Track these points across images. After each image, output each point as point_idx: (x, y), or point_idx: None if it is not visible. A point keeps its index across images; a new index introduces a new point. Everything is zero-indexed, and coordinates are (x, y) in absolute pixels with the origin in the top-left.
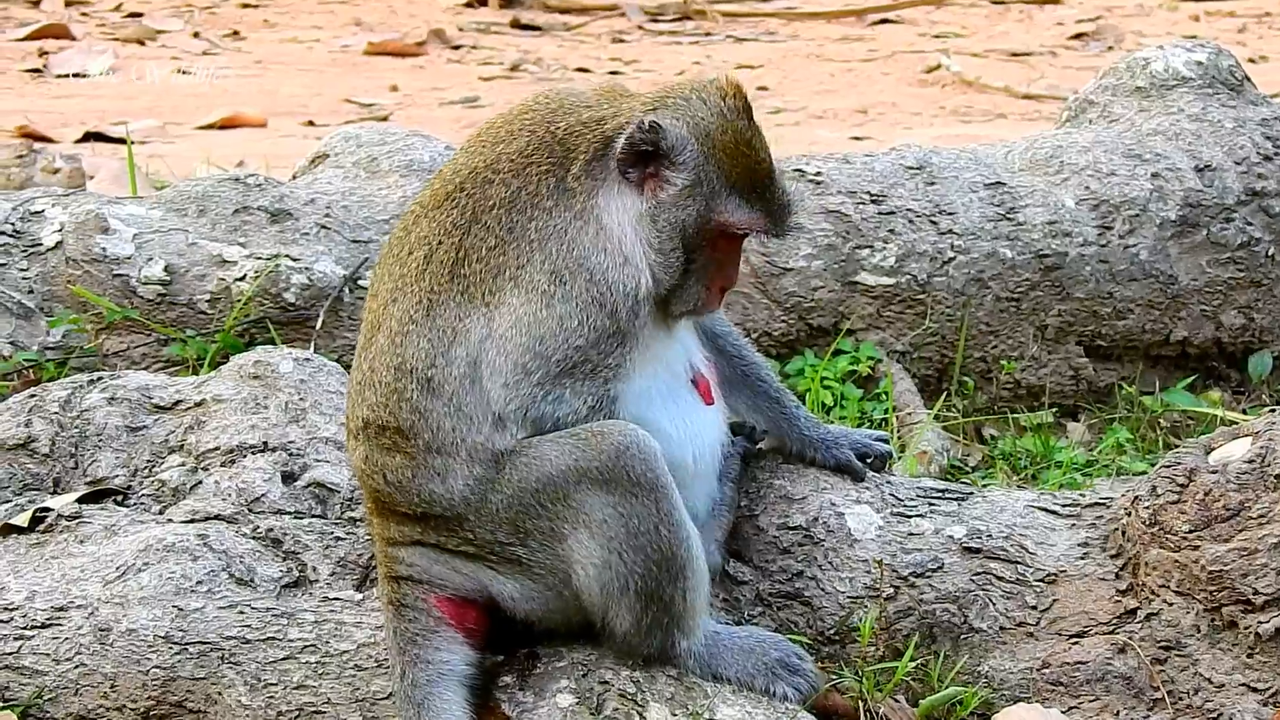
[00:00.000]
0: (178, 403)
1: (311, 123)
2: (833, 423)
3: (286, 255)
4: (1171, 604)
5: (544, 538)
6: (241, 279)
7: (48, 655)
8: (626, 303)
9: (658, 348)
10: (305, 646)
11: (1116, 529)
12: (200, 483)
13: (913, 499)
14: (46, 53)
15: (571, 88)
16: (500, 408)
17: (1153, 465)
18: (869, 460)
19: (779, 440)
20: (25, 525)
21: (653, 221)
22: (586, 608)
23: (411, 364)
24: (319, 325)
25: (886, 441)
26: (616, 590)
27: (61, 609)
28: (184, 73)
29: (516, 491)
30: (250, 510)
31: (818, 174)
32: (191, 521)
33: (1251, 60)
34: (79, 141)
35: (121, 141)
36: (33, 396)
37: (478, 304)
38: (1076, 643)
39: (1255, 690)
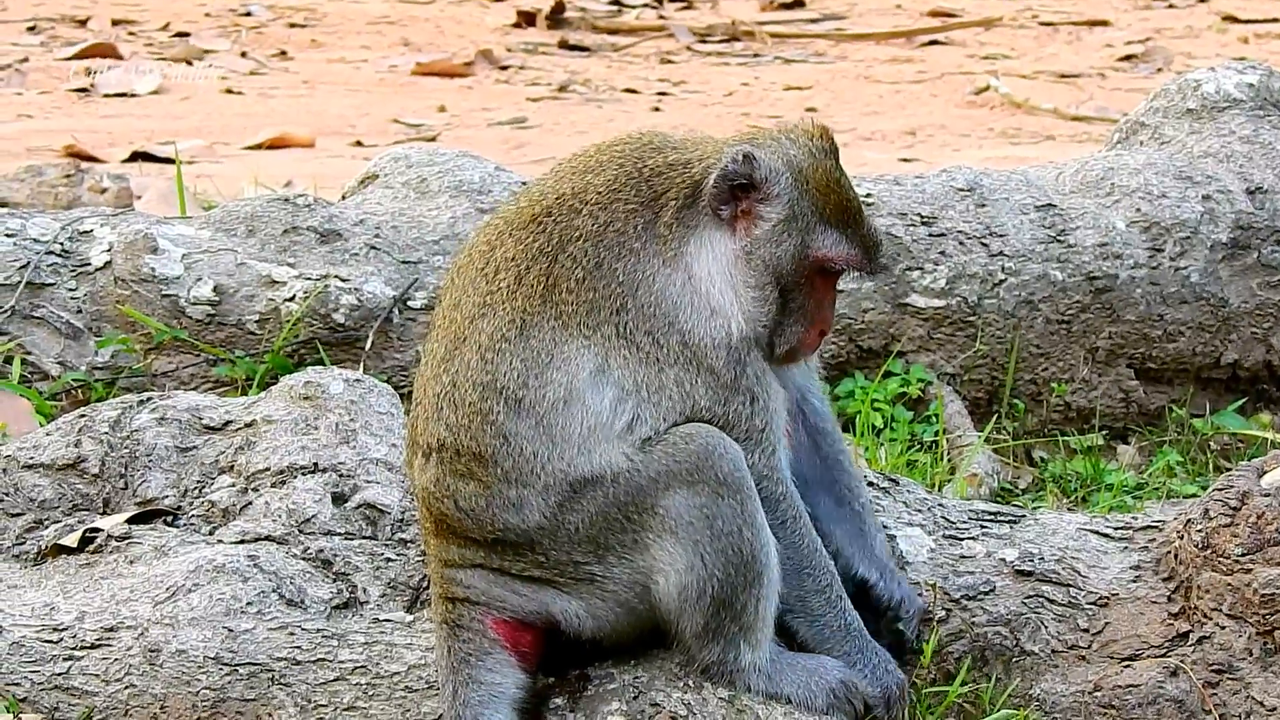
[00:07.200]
0: (228, 423)
1: (359, 143)
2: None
3: (336, 276)
4: (1224, 627)
5: (626, 550)
6: (290, 299)
7: (97, 676)
8: (719, 354)
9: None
10: (355, 668)
11: (1169, 552)
12: (250, 503)
13: (964, 521)
14: (94, 72)
15: (663, 131)
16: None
17: (1203, 488)
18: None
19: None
20: (75, 546)
21: (747, 260)
22: (661, 617)
23: (503, 383)
24: (368, 346)
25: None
26: (694, 595)
27: (111, 629)
28: (231, 92)
29: (602, 508)
30: (300, 531)
31: (868, 195)
32: (242, 542)
33: None
34: (126, 161)
35: (169, 161)
36: (82, 417)
37: (574, 332)
38: (1128, 666)
39: None
